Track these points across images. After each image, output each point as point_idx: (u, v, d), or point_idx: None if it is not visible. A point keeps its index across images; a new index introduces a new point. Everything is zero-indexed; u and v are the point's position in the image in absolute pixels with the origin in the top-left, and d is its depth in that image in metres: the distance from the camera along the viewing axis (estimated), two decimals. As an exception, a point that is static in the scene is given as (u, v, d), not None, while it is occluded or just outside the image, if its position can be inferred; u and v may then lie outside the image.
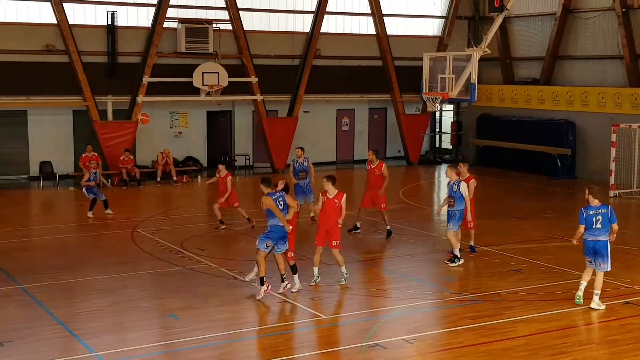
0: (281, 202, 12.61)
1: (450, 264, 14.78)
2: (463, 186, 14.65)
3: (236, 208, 18.07)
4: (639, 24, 26.29)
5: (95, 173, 20.07)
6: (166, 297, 12.77)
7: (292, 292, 12.79)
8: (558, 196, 24.12)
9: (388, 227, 17.26)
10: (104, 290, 13.19)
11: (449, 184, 14.91)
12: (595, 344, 10.61)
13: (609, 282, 13.61)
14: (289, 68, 28.79)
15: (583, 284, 12.29)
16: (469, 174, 15.17)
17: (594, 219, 12.09)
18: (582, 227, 12.15)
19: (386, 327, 11.50)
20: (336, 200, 13.12)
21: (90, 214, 19.48)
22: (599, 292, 12.09)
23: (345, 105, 31.21)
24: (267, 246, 12.47)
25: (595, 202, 12.25)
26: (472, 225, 15.26)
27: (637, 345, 10.57)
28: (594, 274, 12.22)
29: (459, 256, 14.83)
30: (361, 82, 30.48)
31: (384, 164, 17.20)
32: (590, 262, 12.23)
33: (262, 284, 12.47)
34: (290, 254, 13.11)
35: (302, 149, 18.78)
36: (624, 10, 26.27)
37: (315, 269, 13.33)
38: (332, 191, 13.13)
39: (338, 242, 13.24)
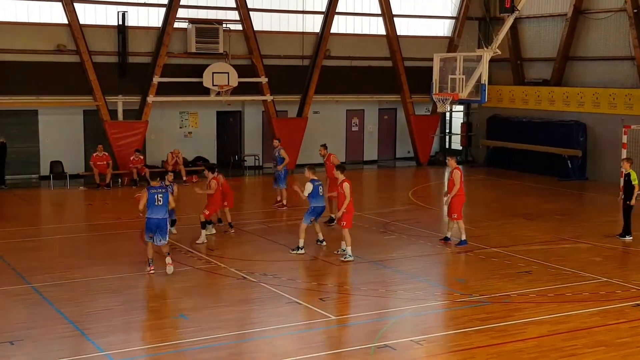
0: (160, 198, 13.76)
1: (292, 252, 15.61)
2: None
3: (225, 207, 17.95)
4: (651, 24, 26.19)
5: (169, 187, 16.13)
6: (175, 297, 12.80)
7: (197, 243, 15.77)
8: (568, 197, 24.03)
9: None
10: (113, 290, 13.22)
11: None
12: (605, 346, 10.55)
13: (619, 284, 13.57)
14: (299, 68, 28.79)
15: None
16: (456, 165, 16.59)
17: None
18: None
19: (395, 328, 11.47)
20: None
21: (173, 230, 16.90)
22: None
23: (355, 105, 31.19)
24: (150, 237, 13.90)
25: None
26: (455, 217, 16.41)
27: (647, 347, 10.53)
28: None
29: (301, 246, 15.59)
30: (371, 83, 30.45)
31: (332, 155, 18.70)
32: None
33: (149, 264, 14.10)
34: (206, 212, 16.37)
35: (277, 139, 21.18)
36: (635, 11, 26.13)
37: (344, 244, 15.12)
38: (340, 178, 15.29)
39: (345, 222, 15.13)
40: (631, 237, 17.15)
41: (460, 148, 33.08)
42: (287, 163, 20.76)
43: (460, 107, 32.36)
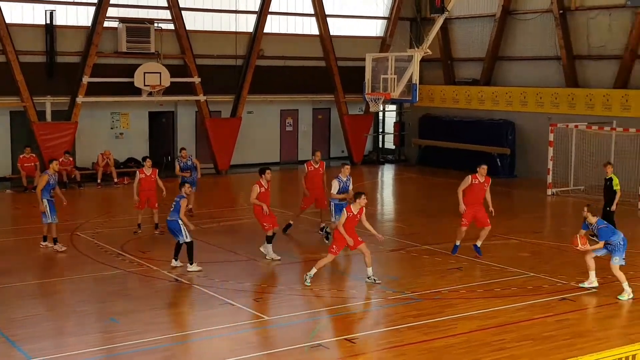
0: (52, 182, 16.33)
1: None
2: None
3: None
4: (576, 25, 26.92)
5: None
6: (106, 301, 12.59)
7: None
8: (498, 195, 24.44)
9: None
10: (41, 295, 12.95)
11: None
12: (532, 339, 10.81)
13: (546, 279, 13.93)
14: (232, 68, 28.67)
15: None
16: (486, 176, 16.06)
17: None
18: None
19: (329, 327, 11.54)
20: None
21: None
22: None
23: (289, 105, 31.20)
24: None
25: None
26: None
27: (573, 340, 10.81)
28: None
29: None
30: (305, 83, 30.50)
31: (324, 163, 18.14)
32: None
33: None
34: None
35: (185, 149, 20.34)
36: (561, 12, 26.85)
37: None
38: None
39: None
40: None
41: (393, 147, 33.43)
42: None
43: (393, 107, 32.69)
